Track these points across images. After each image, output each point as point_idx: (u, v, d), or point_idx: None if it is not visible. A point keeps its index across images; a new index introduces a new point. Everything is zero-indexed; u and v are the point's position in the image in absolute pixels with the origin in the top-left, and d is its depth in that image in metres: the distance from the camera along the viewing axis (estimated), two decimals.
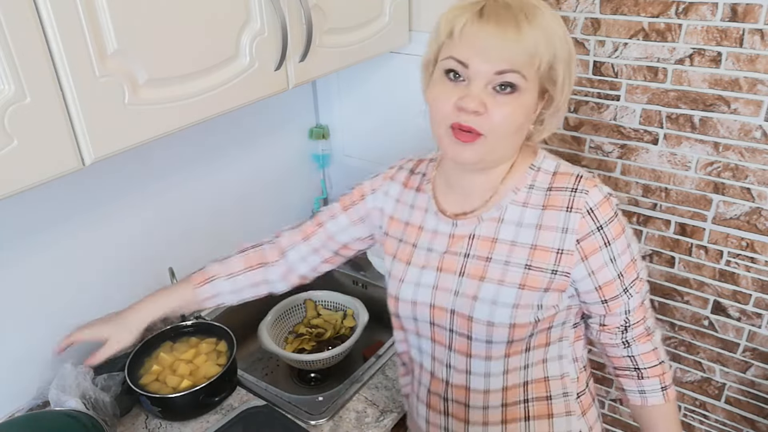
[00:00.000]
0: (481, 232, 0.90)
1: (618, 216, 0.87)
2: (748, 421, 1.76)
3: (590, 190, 0.85)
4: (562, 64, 0.81)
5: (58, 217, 1.19)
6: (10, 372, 1.18)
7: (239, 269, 1.11)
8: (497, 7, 0.78)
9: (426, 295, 0.93)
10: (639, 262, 0.91)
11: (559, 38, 0.80)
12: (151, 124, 0.91)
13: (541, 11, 0.79)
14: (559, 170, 0.89)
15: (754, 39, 1.35)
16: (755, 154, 1.45)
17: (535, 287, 0.86)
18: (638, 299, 0.91)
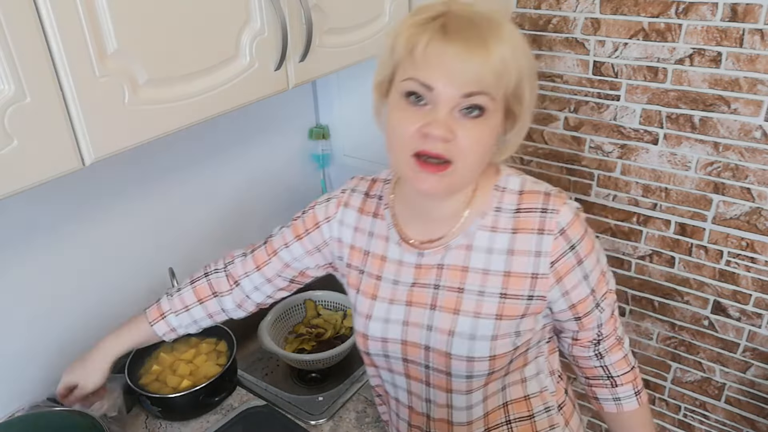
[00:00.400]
0: (450, 261, 0.85)
1: (587, 231, 0.84)
2: (748, 421, 1.76)
3: (560, 209, 0.81)
4: (527, 81, 0.76)
5: (58, 217, 1.19)
6: (11, 372, 1.18)
7: (192, 302, 1.09)
8: (461, 22, 0.71)
9: (396, 331, 0.88)
10: (608, 272, 0.89)
11: (523, 54, 0.75)
12: (151, 124, 0.91)
13: (504, 26, 0.73)
14: (525, 189, 0.85)
15: (754, 39, 1.35)
16: (755, 154, 1.45)
17: (513, 315, 0.83)
18: (609, 311, 0.89)
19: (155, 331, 1.10)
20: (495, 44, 0.70)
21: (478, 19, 0.72)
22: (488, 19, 0.73)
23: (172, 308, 1.09)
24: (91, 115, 0.82)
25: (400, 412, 0.98)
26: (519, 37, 0.75)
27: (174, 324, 1.10)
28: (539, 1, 1.58)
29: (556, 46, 1.61)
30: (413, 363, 0.89)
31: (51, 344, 1.23)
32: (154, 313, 1.10)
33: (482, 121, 0.74)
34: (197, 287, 1.09)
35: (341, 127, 1.78)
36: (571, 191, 1.77)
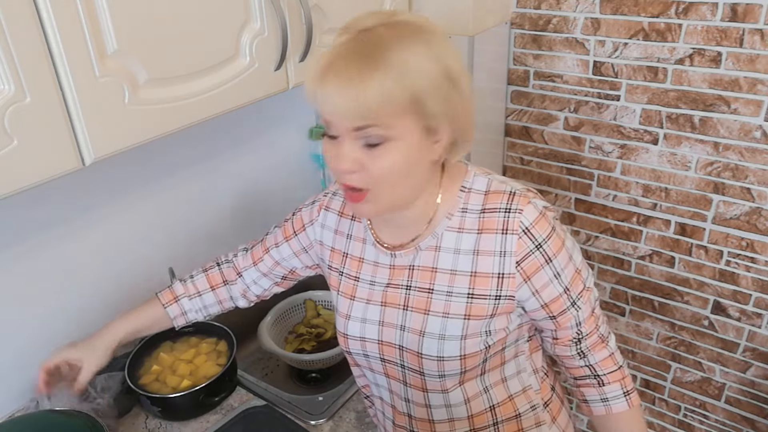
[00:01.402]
0: (420, 262, 0.87)
1: (556, 230, 0.83)
2: (748, 421, 1.76)
3: (524, 209, 0.81)
4: (433, 95, 0.73)
5: (58, 217, 1.19)
6: (11, 372, 1.18)
7: (204, 288, 1.15)
8: (342, 59, 0.72)
9: (373, 331, 0.90)
10: (584, 270, 0.88)
11: (418, 71, 0.71)
12: (151, 124, 0.91)
13: (391, 50, 0.70)
14: (491, 189, 0.84)
15: (754, 39, 1.35)
16: (755, 154, 1.45)
17: (481, 315, 0.83)
18: (588, 309, 0.88)
19: (168, 313, 1.13)
20: (367, 75, 0.69)
21: (358, 50, 0.71)
22: (367, 47, 0.71)
23: (186, 292, 1.14)
24: (91, 115, 0.82)
25: (385, 411, 1.00)
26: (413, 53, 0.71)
27: (186, 307, 1.14)
28: (539, 1, 1.58)
29: (556, 46, 1.61)
30: (390, 363, 0.91)
31: (51, 344, 1.23)
32: (168, 295, 1.14)
33: (388, 147, 0.73)
34: (210, 275, 1.16)
35: None
36: (571, 191, 1.78)
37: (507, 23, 1.65)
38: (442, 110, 0.74)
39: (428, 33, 0.74)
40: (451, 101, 0.75)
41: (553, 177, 1.79)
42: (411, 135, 0.74)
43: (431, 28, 0.76)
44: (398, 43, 0.71)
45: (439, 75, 0.73)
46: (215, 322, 1.38)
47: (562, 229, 0.85)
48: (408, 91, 0.71)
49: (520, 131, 1.79)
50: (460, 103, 0.76)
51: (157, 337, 1.32)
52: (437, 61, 0.73)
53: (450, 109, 0.75)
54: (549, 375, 1.00)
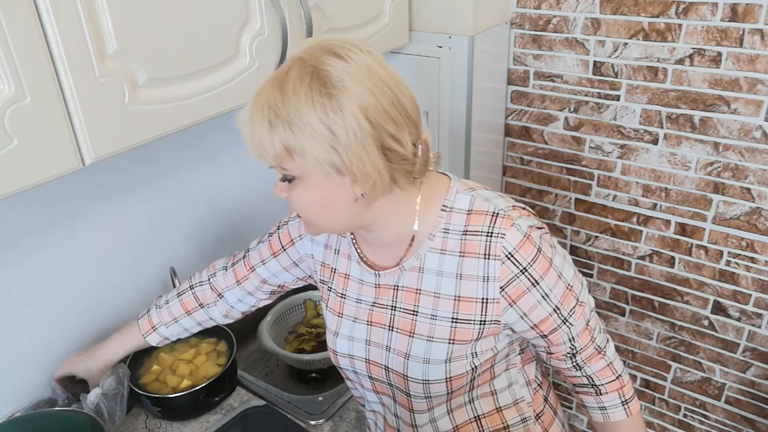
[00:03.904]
0: (405, 282, 0.85)
1: (542, 251, 0.79)
2: (748, 421, 1.76)
3: (506, 232, 0.78)
4: (314, 152, 0.70)
5: (58, 217, 1.19)
6: (11, 372, 1.18)
7: (180, 314, 1.16)
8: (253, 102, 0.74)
9: (360, 349, 0.91)
10: (577, 285, 0.84)
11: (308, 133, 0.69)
12: (151, 124, 0.91)
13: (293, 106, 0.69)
14: (473, 208, 0.81)
15: (754, 39, 1.35)
16: (755, 154, 1.45)
17: (465, 340, 0.82)
18: (581, 323, 0.85)
19: (148, 341, 1.18)
20: (258, 123, 0.73)
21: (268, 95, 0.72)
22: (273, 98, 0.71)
23: (162, 321, 1.17)
24: (91, 115, 0.82)
25: (377, 421, 1.01)
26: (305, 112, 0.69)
27: (165, 334, 1.18)
28: (539, 1, 1.58)
29: (556, 46, 1.61)
30: (378, 381, 0.91)
31: (51, 344, 1.23)
32: (146, 325, 1.17)
33: (295, 185, 0.76)
34: (183, 300, 1.16)
35: None
36: (571, 191, 1.78)
37: (507, 23, 1.65)
38: (328, 160, 0.71)
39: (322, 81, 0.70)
40: (338, 152, 0.70)
41: (553, 177, 1.79)
42: (310, 176, 0.74)
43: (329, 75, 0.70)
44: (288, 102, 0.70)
45: (322, 131, 0.69)
46: None
47: (550, 246, 0.82)
48: (277, 139, 0.71)
49: (520, 131, 1.79)
50: (349, 155, 0.70)
51: None
52: (320, 121, 0.69)
53: (341, 158, 0.71)
54: (542, 386, 0.99)
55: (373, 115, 0.70)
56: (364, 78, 0.70)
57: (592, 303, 0.89)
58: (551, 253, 0.82)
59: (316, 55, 0.71)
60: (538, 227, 0.82)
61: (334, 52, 0.71)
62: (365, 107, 0.70)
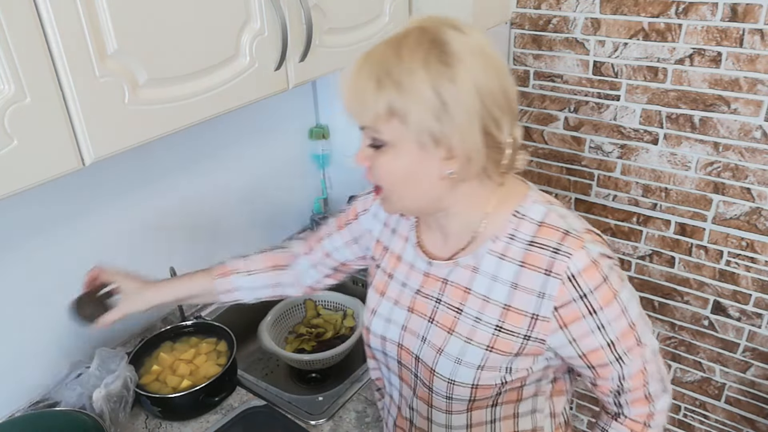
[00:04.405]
0: (455, 278, 0.83)
1: (608, 280, 0.76)
2: (748, 421, 1.76)
3: (574, 253, 0.74)
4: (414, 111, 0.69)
5: (58, 217, 1.19)
6: (11, 372, 1.18)
7: (258, 268, 1.11)
8: (363, 59, 0.73)
9: (395, 333, 0.89)
10: (641, 324, 0.80)
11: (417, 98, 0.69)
12: (151, 124, 0.91)
13: (407, 67, 0.69)
14: (546, 221, 0.78)
15: (754, 39, 1.35)
16: (755, 154, 1.45)
17: (505, 351, 0.79)
18: (636, 365, 0.81)
19: (215, 286, 1.09)
20: (373, 83, 0.70)
21: (379, 57, 0.71)
22: (389, 58, 0.70)
23: (239, 269, 1.10)
24: (91, 115, 0.82)
25: (391, 409, 0.99)
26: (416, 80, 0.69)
27: (236, 284, 1.10)
28: (539, 1, 1.58)
29: (556, 46, 1.61)
30: (406, 368, 0.89)
31: (51, 344, 1.23)
32: (220, 269, 1.10)
33: (382, 153, 0.74)
34: (265, 256, 1.13)
35: (341, 127, 1.78)
36: (571, 191, 1.78)
37: (507, 23, 1.65)
38: (432, 136, 0.71)
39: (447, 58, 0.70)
40: (444, 130, 0.70)
41: (553, 177, 1.79)
42: (403, 144, 0.73)
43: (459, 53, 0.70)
44: (417, 61, 0.69)
45: (434, 103, 0.69)
46: (215, 322, 1.38)
47: (619, 277, 0.78)
48: (382, 99, 0.70)
49: None
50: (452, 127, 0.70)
51: (157, 337, 1.32)
52: (432, 89, 0.69)
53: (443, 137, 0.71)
54: (567, 426, 0.95)
55: (484, 94, 0.70)
56: (480, 56, 0.71)
57: (655, 345, 0.83)
58: (619, 285, 0.77)
59: (437, 25, 0.72)
60: (608, 256, 0.78)
61: (454, 26, 0.72)
62: (479, 84, 0.70)
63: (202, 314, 1.53)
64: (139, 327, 1.41)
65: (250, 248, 1.67)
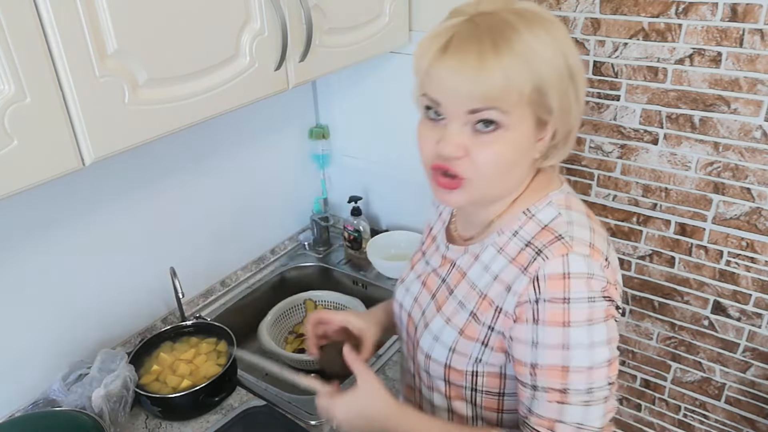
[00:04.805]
0: (461, 263, 0.85)
1: (569, 303, 0.70)
2: (748, 421, 1.76)
3: (551, 258, 0.71)
4: (556, 88, 0.70)
5: (58, 217, 1.19)
6: (11, 372, 1.18)
7: None
8: (464, 36, 0.68)
9: (408, 303, 0.93)
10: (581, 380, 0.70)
11: (544, 60, 0.68)
12: (151, 124, 0.91)
13: (519, 32, 0.68)
14: (549, 224, 0.76)
15: (754, 39, 1.35)
16: (755, 154, 1.45)
17: (472, 338, 0.79)
18: (550, 411, 0.72)
19: None
20: (493, 56, 0.67)
21: (486, 30, 0.68)
22: (496, 29, 0.68)
23: None
24: (91, 115, 0.82)
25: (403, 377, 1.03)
26: (542, 43, 0.68)
27: None
28: (539, 2, 1.58)
29: None
30: (408, 335, 0.93)
31: (51, 344, 1.23)
32: None
33: (498, 136, 0.70)
34: None
35: (341, 127, 1.78)
36: None
37: None
38: (558, 105, 0.71)
39: (554, 24, 0.71)
40: (568, 98, 0.72)
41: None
42: (523, 125, 0.71)
43: (556, 21, 0.72)
44: (527, 30, 0.68)
45: (563, 68, 0.70)
46: (215, 322, 1.38)
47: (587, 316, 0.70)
48: (532, 76, 0.68)
49: None
50: (574, 102, 0.73)
51: (157, 337, 1.32)
52: (562, 55, 0.70)
53: (565, 105, 0.72)
54: None
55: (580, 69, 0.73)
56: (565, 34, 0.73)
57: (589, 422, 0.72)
58: (578, 319, 0.70)
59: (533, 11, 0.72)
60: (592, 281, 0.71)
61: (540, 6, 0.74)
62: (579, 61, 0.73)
63: (202, 314, 1.53)
64: (139, 327, 1.41)
65: (250, 248, 1.68)
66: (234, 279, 1.64)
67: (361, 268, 1.71)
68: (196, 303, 1.54)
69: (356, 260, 1.75)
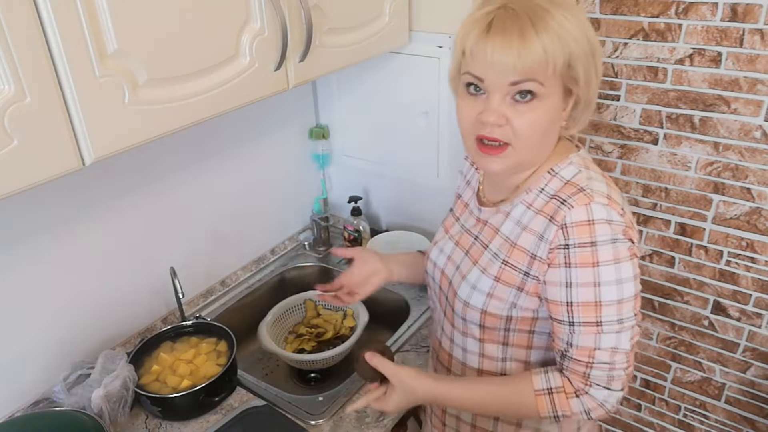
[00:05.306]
0: (493, 221, 0.94)
1: (596, 246, 0.80)
2: (748, 421, 1.76)
3: (576, 206, 0.81)
4: (581, 61, 0.80)
5: (58, 217, 1.19)
6: (11, 372, 1.18)
7: None
8: (504, 18, 0.78)
9: (442, 261, 1.02)
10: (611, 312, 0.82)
11: (573, 37, 0.78)
12: (151, 124, 0.91)
13: (551, 13, 0.78)
14: (572, 179, 0.85)
15: (754, 39, 1.35)
16: (755, 154, 1.45)
17: (509, 283, 0.88)
18: (587, 342, 0.83)
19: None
20: (533, 34, 0.76)
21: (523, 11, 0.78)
22: (532, 10, 0.78)
23: None
24: (91, 115, 0.82)
25: (435, 332, 1.10)
26: (571, 21, 0.78)
27: None
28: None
29: None
30: (442, 291, 1.02)
31: (51, 344, 1.23)
32: None
33: (534, 105, 0.80)
34: None
35: (341, 127, 1.78)
36: None
37: None
38: (584, 78, 0.81)
39: (576, 7, 0.81)
40: (590, 70, 0.82)
41: None
42: (554, 96, 0.82)
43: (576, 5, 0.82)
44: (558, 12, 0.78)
45: (586, 44, 0.80)
46: (215, 322, 1.38)
47: (613, 255, 0.81)
48: (564, 50, 0.78)
49: None
50: (594, 74, 0.83)
51: (157, 337, 1.32)
52: (585, 33, 0.80)
53: (588, 77, 0.82)
54: None
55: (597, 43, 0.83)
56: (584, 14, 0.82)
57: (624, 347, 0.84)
58: (606, 258, 0.81)
59: None
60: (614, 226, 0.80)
61: None
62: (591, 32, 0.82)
63: (202, 314, 1.53)
64: (139, 327, 1.41)
65: (250, 248, 1.68)
66: (234, 279, 1.64)
67: None
68: (196, 303, 1.54)
69: None
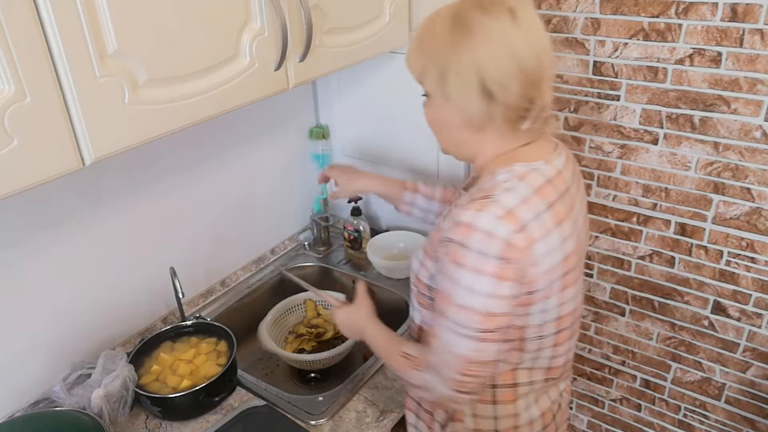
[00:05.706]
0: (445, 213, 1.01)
1: (465, 249, 0.82)
2: (748, 421, 1.76)
3: (470, 209, 0.83)
4: (427, 76, 0.89)
5: (58, 217, 1.19)
6: (11, 371, 1.18)
7: (437, 197, 1.28)
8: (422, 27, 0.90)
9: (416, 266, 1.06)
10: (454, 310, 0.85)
11: (428, 52, 0.88)
12: (151, 124, 0.91)
13: (430, 37, 0.87)
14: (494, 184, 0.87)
15: (754, 39, 1.35)
16: (755, 154, 1.45)
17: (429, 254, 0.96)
18: (436, 326, 0.89)
19: (403, 196, 1.30)
20: (414, 40, 0.90)
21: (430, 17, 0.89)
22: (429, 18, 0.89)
23: (423, 192, 1.29)
24: (91, 115, 0.82)
25: None
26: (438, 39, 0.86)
27: (417, 202, 1.29)
28: (539, 1, 1.58)
29: (556, 46, 1.61)
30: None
31: (51, 344, 1.23)
32: (411, 185, 1.30)
33: (426, 103, 0.94)
34: (445, 189, 1.29)
35: (341, 127, 1.78)
36: None
37: None
38: (436, 90, 0.89)
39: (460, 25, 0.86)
40: (444, 89, 0.87)
41: None
42: (435, 97, 0.90)
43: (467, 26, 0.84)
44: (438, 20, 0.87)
45: (438, 64, 0.86)
46: (215, 322, 1.38)
47: (475, 262, 0.82)
48: (421, 62, 0.89)
49: None
50: (450, 89, 0.87)
51: (157, 337, 1.32)
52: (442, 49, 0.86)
53: (445, 93, 0.88)
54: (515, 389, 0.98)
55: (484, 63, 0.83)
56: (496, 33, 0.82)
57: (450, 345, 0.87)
58: (469, 263, 0.82)
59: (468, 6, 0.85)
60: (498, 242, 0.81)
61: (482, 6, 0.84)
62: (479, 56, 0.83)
63: (202, 314, 1.53)
64: (139, 327, 1.41)
65: (250, 248, 1.68)
66: (234, 279, 1.64)
67: (361, 268, 1.71)
68: (196, 303, 1.54)
69: (356, 260, 1.75)
